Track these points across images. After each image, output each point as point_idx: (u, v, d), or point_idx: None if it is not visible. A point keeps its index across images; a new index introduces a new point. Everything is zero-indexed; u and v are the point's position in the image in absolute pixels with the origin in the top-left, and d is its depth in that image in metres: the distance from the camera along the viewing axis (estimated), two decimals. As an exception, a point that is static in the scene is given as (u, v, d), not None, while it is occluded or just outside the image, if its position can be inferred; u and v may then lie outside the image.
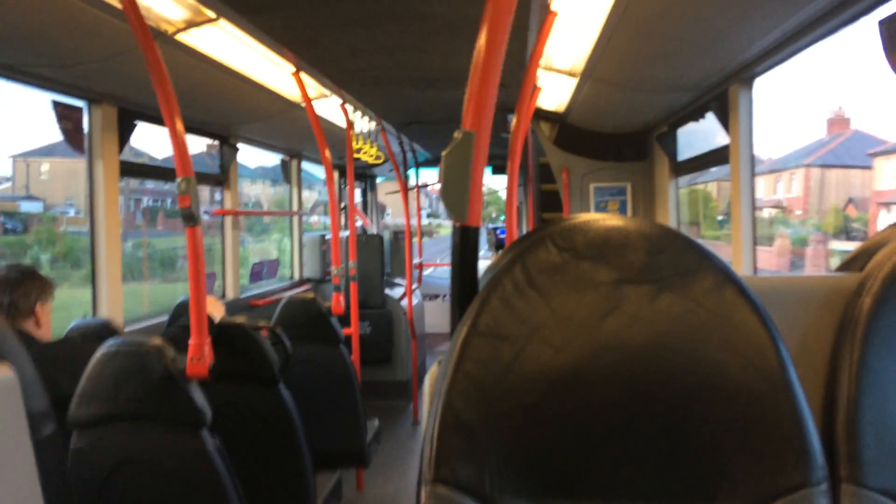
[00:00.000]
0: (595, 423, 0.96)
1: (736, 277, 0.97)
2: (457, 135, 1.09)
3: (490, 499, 0.95)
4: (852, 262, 1.23)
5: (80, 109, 2.94)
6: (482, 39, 1.11)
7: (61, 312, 2.58)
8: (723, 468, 0.95)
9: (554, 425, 0.96)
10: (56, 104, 2.80)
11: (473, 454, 0.95)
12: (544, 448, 0.96)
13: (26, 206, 16.63)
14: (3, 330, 1.15)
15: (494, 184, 13.14)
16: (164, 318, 3.34)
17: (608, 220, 1.00)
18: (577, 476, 0.97)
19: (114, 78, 2.77)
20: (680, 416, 0.95)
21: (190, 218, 2.10)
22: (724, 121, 2.83)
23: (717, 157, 3.14)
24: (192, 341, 2.10)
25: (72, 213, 16.65)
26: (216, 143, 4.42)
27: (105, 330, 2.38)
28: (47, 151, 17.60)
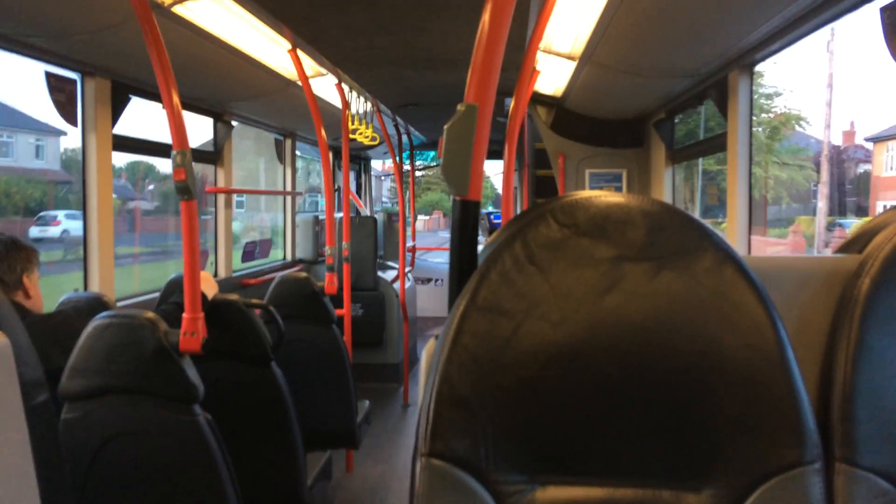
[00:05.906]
0: (592, 399, 0.96)
1: (736, 256, 0.97)
2: (460, 107, 1.09)
3: (485, 473, 0.95)
4: (852, 244, 1.24)
5: (73, 81, 2.90)
6: (486, 14, 1.10)
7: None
8: (719, 446, 0.95)
9: (551, 401, 0.96)
10: (49, 75, 2.76)
11: (469, 428, 0.95)
12: (540, 423, 0.96)
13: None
14: None
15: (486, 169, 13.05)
16: (156, 295, 3.32)
17: (610, 196, 0.99)
18: (573, 452, 0.97)
19: (108, 50, 2.74)
20: (677, 393, 0.95)
21: (185, 191, 2.08)
22: (723, 108, 2.82)
23: (715, 144, 3.14)
24: (185, 316, 2.09)
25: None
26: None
27: (97, 304, 2.36)
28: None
